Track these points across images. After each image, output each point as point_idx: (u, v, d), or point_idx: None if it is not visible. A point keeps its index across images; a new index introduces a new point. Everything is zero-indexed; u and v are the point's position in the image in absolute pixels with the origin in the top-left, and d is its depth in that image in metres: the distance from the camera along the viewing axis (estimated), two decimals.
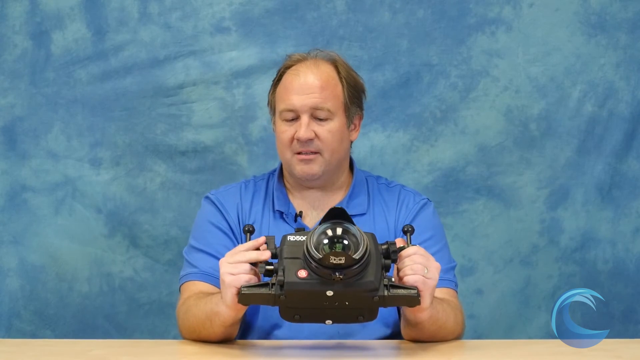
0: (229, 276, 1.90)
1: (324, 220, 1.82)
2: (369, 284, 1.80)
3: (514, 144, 2.89)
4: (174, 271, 2.83)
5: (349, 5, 2.87)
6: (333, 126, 2.21)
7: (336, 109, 2.22)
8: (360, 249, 1.78)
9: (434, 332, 2.01)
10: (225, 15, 2.87)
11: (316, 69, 2.23)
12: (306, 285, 1.79)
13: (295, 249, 1.82)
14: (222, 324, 1.98)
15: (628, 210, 2.90)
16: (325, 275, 1.78)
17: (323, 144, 2.21)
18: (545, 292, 2.88)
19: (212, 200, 2.28)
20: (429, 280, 1.90)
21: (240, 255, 1.92)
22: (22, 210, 2.86)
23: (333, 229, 1.80)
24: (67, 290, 2.87)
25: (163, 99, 2.87)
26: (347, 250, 1.77)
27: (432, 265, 1.92)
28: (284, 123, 2.22)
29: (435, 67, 2.88)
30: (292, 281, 1.80)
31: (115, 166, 2.87)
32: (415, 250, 1.92)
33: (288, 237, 1.86)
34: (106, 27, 2.86)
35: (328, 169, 2.23)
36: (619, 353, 1.99)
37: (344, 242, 1.78)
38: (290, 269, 1.81)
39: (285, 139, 2.22)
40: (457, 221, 2.89)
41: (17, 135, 2.87)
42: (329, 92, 2.21)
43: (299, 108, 2.20)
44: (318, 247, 1.78)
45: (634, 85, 2.88)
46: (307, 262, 1.79)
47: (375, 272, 1.81)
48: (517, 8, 2.87)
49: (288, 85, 2.22)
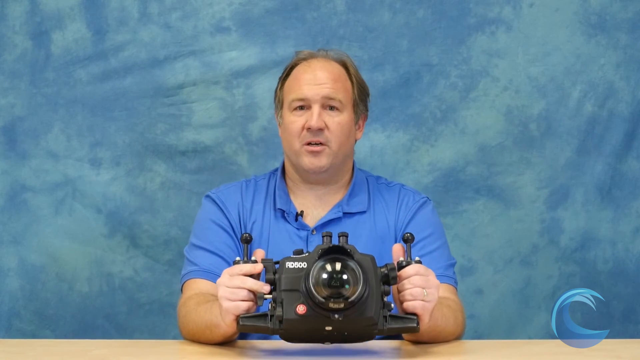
0: (227, 302, 1.88)
1: (323, 254, 1.80)
2: (369, 319, 1.81)
3: (514, 144, 2.89)
4: (174, 271, 2.83)
5: (349, 5, 2.87)
6: (342, 119, 2.22)
7: (346, 102, 2.24)
8: (360, 288, 1.77)
9: (433, 336, 2.01)
10: (225, 15, 2.87)
11: (327, 63, 2.25)
12: (305, 323, 1.80)
13: (295, 280, 1.80)
14: (222, 335, 1.98)
15: (628, 210, 2.90)
16: (324, 314, 1.78)
17: (332, 135, 2.21)
18: (545, 292, 2.89)
19: (213, 199, 2.28)
20: (428, 303, 1.89)
21: (240, 280, 1.88)
22: (22, 210, 2.86)
23: (332, 265, 1.78)
24: (67, 290, 2.87)
25: (163, 99, 2.87)
26: (347, 286, 1.77)
27: (432, 283, 1.91)
28: (293, 113, 2.23)
29: (435, 67, 2.88)
30: (291, 318, 1.80)
31: (115, 166, 2.87)
32: (414, 271, 1.90)
33: (287, 264, 1.82)
34: (106, 27, 2.86)
35: (335, 162, 2.24)
36: (619, 353, 1.98)
37: (343, 277, 1.77)
38: (289, 302, 1.80)
39: (295, 129, 2.22)
40: (457, 221, 2.89)
41: (17, 135, 2.87)
42: (340, 84, 2.23)
43: (310, 97, 2.21)
44: (317, 284, 1.77)
45: (634, 85, 2.88)
46: (306, 298, 1.79)
47: (374, 305, 1.81)
48: (517, 8, 2.87)
49: (300, 77, 2.24)
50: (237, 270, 1.90)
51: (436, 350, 1.98)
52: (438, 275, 2.04)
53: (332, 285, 1.77)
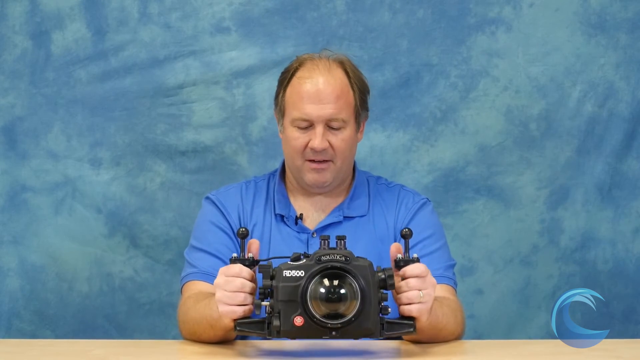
0: (225, 306, 1.88)
1: (320, 271, 1.80)
2: (366, 330, 1.81)
3: (514, 144, 2.89)
4: (174, 271, 2.83)
5: (349, 5, 2.87)
6: (346, 135, 2.20)
7: (349, 117, 2.21)
8: (357, 304, 1.78)
9: (434, 335, 2.01)
10: (225, 15, 2.87)
11: (330, 75, 2.20)
12: (302, 333, 1.80)
13: (292, 290, 1.80)
14: (223, 329, 1.97)
15: (628, 210, 2.90)
16: (321, 329, 1.79)
17: (336, 153, 2.20)
18: (545, 292, 2.88)
19: (212, 201, 2.27)
20: (424, 304, 1.89)
21: (238, 283, 1.89)
22: (22, 210, 2.86)
23: (329, 281, 1.79)
24: (67, 290, 2.87)
25: (163, 99, 2.87)
26: (344, 301, 1.78)
27: (429, 283, 1.90)
28: (295, 130, 2.20)
29: (435, 67, 2.88)
30: (289, 330, 1.80)
31: (115, 166, 2.87)
32: (412, 272, 1.90)
33: (284, 272, 1.82)
34: (106, 27, 2.86)
35: (338, 176, 2.23)
36: (619, 353, 1.98)
37: (340, 293, 1.79)
38: (286, 313, 1.80)
39: (298, 146, 2.20)
40: (457, 221, 2.89)
41: (17, 135, 2.87)
42: (343, 101, 2.20)
43: (314, 119, 2.18)
44: (315, 299, 1.78)
45: (634, 85, 2.88)
46: (303, 313, 1.79)
47: (372, 315, 1.81)
48: (517, 8, 2.87)
49: (302, 93, 2.19)
50: (235, 271, 1.90)
51: (436, 350, 1.98)
52: (438, 276, 2.04)
53: (330, 302, 1.78)
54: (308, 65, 2.22)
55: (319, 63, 2.22)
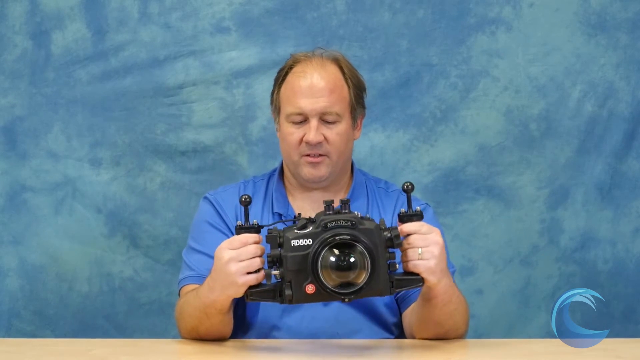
0: (245, 277, 1.88)
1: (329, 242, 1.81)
2: (377, 291, 1.83)
3: (514, 144, 2.89)
4: (174, 271, 2.83)
5: (349, 5, 2.87)
6: (341, 129, 2.21)
7: (343, 112, 2.22)
8: (367, 271, 1.79)
9: (445, 316, 2.01)
10: (225, 15, 2.87)
11: (323, 70, 2.21)
12: (315, 299, 1.83)
13: (301, 259, 1.82)
14: (219, 312, 1.98)
15: (628, 210, 2.90)
16: (333, 296, 1.81)
17: (331, 147, 2.20)
18: (545, 292, 2.88)
19: (210, 201, 2.27)
20: (425, 261, 1.89)
21: (252, 249, 1.90)
22: (22, 210, 2.86)
23: (339, 249, 1.80)
24: (67, 290, 2.87)
25: (163, 99, 2.87)
26: (354, 269, 1.79)
27: (431, 241, 1.91)
28: (291, 125, 2.21)
29: (435, 67, 2.88)
30: (301, 297, 1.83)
31: (115, 166, 2.87)
32: (407, 229, 1.91)
33: (292, 242, 1.83)
34: (106, 27, 2.86)
35: (334, 171, 2.23)
36: (619, 353, 1.99)
37: (350, 262, 1.80)
38: (297, 281, 1.82)
39: (293, 141, 2.21)
40: (457, 221, 2.89)
41: (17, 135, 2.87)
42: (336, 95, 2.21)
43: (308, 112, 2.19)
44: (325, 269, 1.80)
45: (634, 85, 2.88)
46: (314, 281, 1.81)
47: (382, 276, 1.83)
48: (517, 8, 2.87)
49: (296, 88, 2.20)
50: (242, 241, 1.91)
51: (436, 350, 1.98)
52: None
53: (340, 269, 1.79)
54: (302, 62, 2.24)
55: (313, 60, 2.24)
